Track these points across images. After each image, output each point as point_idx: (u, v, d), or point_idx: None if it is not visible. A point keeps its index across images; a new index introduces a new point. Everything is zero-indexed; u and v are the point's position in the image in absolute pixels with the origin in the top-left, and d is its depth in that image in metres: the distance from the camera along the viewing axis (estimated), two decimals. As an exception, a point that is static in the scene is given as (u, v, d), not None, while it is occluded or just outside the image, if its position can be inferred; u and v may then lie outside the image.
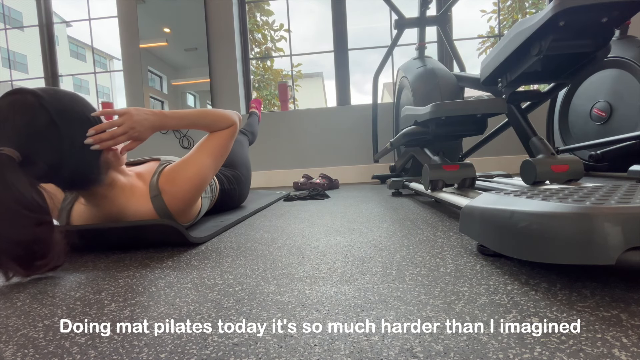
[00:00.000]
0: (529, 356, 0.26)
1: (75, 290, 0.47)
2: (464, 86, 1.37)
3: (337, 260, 0.54)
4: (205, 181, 0.77)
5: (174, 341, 0.31)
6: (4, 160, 0.49)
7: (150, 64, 2.53)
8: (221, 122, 0.79)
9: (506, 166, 2.26)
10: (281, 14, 7.37)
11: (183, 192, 0.73)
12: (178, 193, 0.72)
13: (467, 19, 4.80)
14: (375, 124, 2.17)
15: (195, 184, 0.74)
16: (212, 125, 0.79)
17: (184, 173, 0.73)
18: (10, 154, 0.50)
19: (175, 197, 0.72)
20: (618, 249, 0.33)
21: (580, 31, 0.71)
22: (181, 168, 0.74)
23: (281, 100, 2.49)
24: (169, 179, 0.72)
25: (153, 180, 0.73)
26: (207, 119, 0.78)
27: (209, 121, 0.78)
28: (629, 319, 0.31)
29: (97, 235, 0.67)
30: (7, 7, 3.48)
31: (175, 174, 0.73)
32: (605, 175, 1.67)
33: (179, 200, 0.73)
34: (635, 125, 1.47)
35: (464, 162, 0.95)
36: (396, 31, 1.78)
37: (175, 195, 0.72)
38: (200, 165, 0.75)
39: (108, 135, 0.62)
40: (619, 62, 1.53)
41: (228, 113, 0.81)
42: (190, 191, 0.74)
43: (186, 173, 0.73)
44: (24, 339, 0.34)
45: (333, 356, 0.27)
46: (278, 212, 1.12)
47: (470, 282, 0.42)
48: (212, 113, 0.79)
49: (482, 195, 0.55)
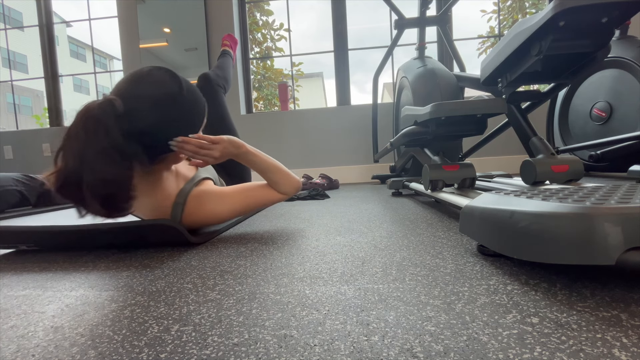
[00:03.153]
0: (529, 356, 0.26)
1: (75, 290, 0.47)
2: (464, 86, 1.37)
3: (337, 260, 0.54)
4: (225, 220, 0.78)
5: (174, 341, 0.31)
6: (107, 106, 0.55)
7: (150, 64, 2.53)
8: (282, 184, 0.78)
9: (506, 166, 2.26)
10: (281, 12, 7.37)
11: (203, 218, 0.75)
12: (198, 216, 0.74)
13: (467, 19, 4.80)
14: (375, 124, 2.17)
15: (216, 219, 0.76)
16: (274, 183, 0.78)
17: (214, 205, 0.74)
18: (116, 104, 0.56)
19: (193, 216, 0.74)
20: (618, 249, 0.33)
21: (580, 31, 0.71)
22: (216, 199, 0.75)
23: (281, 100, 2.49)
24: (199, 199, 0.74)
25: (186, 187, 0.75)
26: (275, 176, 0.78)
27: (273, 178, 0.78)
28: (629, 319, 0.31)
29: (98, 234, 0.68)
30: (7, 7, 3.48)
31: (207, 200, 0.74)
32: (605, 175, 1.67)
33: (194, 222, 0.75)
34: (635, 125, 1.47)
35: (464, 162, 0.95)
36: (396, 31, 1.78)
37: (195, 215, 0.74)
38: (231, 209, 0.76)
39: (190, 149, 0.67)
40: (619, 62, 1.53)
41: (293, 177, 0.80)
42: (207, 221, 0.76)
43: (215, 206, 0.75)
44: (25, 339, 0.34)
45: (333, 356, 0.27)
46: (278, 212, 1.12)
47: (470, 282, 0.42)
48: (280, 170, 0.79)
49: (482, 195, 0.55)
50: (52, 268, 0.60)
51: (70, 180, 0.51)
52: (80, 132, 0.52)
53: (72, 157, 0.51)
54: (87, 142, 0.51)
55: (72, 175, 0.51)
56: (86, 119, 0.53)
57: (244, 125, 2.46)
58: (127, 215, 0.59)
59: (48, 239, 0.71)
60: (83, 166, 0.51)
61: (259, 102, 5.51)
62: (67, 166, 0.51)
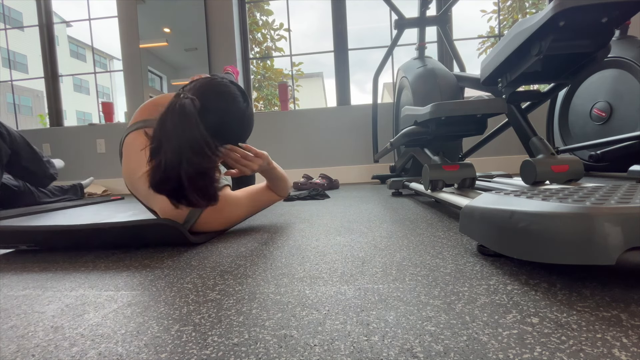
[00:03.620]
0: (529, 356, 0.26)
1: (75, 290, 0.47)
2: (464, 86, 1.37)
3: (337, 260, 0.54)
4: (237, 223, 0.84)
5: (174, 341, 0.31)
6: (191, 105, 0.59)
7: (150, 64, 2.53)
8: (284, 189, 0.88)
9: (506, 166, 2.26)
10: (282, 12, 7.33)
11: (219, 222, 0.77)
12: (215, 220, 0.76)
13: (467, 19, 4.80)
14: (375, 124, 2.17)
15: (231, 222, 0.81)
16: (278, 188, 0.87)
17: (232, 209, 0.79)
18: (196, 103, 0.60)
19: (210, 221, 0.76)
20: (618, 249, 0.33)
21: (580, 31, 0.71)
22: (233, 204, 0.79)
23: (281, 100, 2.49)
24: (219, 206, 0.76)
25: None
26: (280, 183, 0.86)
27: (280, 185, 0.86)
28: (629, 319, 0.31)
29: (98, 233, 0.68)
30: (7, 7, 3.47)
31: (227, 207, 0.78)
32: (605, 175, 1.67)
33: (208, 224, 0.76)
34: (635, 125, 1.47)
35: (464, 162, 0.95)
36: (396, 31, 1.78)
37: (212, 220, 0.76)
38: (245, 211, 0.82)
39: (234, 157, 0.71)
40: (619, 62, 1.53)
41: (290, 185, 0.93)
42: (224, 225, 0.79)
43: (233, 210, 0.79)
44: (24, 339, 0.34)
45: (333, 356, 0.27)
46: (278, 212, 1.12)
47: (470, 282, 0.42)
48: (285, 178, 0.88)
49: (482, 195, 0.55)
50: (52, 268, 0.60)
51: (170, 174, 0.54)
52: (177, 127, 0.55)
53: (171, 151, 0.54)
54: (183, 137, 0.55)
55: (172, 168, 0.54)
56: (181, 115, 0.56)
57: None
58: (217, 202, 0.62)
59: (48, 239, 0.71)
60: (182, 159, 0.54)
61: (259, 102, 5.51)
62: (167, 160, 0.54)
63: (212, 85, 0.68)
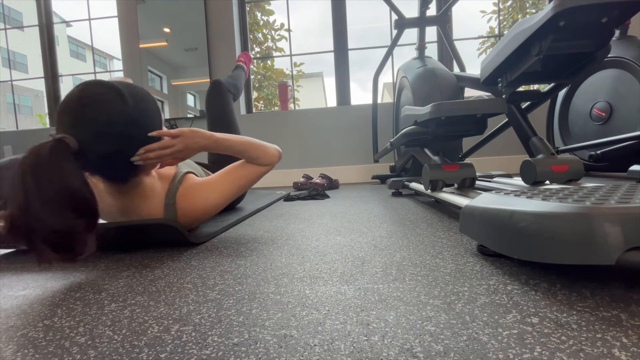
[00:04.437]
0: (529, 356, 0.26)
1: (75, 290, 0.47)
2: (464, 86, 1.37)
3: (337, 260, 0.54)
4: (221, 207, 0.77)
5: (174, 341, 0.31)
6: (60, 148, 0.51)
7: (150, 64, 2.53)
8: (263, 157, 0.79)
9: (506, 166, 2.26)
10: (282, 11, 7.31)
11: (197, 212, 0.74)
12: (191, 212, 0.73)
13: (467, 19, 4.80)
14: (375, 124, 2.17)
15: (211, 208, 0.75)
16: (254, 159, 0.78)
17: (205, 195, 0.74)
18: (70, 142, 0.52)
19: (187, 213, 0.73)
20: (618, 249, 0.33)
21: (580, 31, 0.71)
22: (204, 189, 0.74)
23: (281, 100, 2.49)
24: (188, 194, 0.73)
25: (172, 187, 0.74)
26: (251, 152, 0.78)
27: (252, 154, 0.78)
28: (629, 319, 0.31)
29: (98, 234, 0.67)
30: (7, 7, 3.48)
31: (197, 193, 0.73)
32: (605, 175, 1.67)
33: (190, 218, 0.74)
34: (635, 125, 1.47)
35: (464, 162, 0.95)
36: (396, 31, 1.78)
37: (188, 211, 0.73)
38: (223, 194, 0.76)
39: (155, 155, 0.64)
40: (619, 62, 1.53)
41: (271, 149, 0.81)
42: (204, 213, 0.75)
43: (207, 196, 0.74)
44: (24, 338, 0.34)
45: (333, 356, 0.27)
46: (278, 212, 1.12)
47: (470, 282, 0.42)
48: (257, 146, 0.78)
49: (482, 195, 0.55)
50: (52, 268, 0.59)
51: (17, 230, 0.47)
52: (27, 180, 0.47)
53: (17, 207, 0.46)
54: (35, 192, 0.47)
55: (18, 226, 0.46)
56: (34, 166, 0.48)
57: (244, 125, 2.46)
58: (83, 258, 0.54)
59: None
60: (29, 218, 0.46)
61: (259, 102, 5.51)
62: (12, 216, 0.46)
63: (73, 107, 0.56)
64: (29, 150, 0.49)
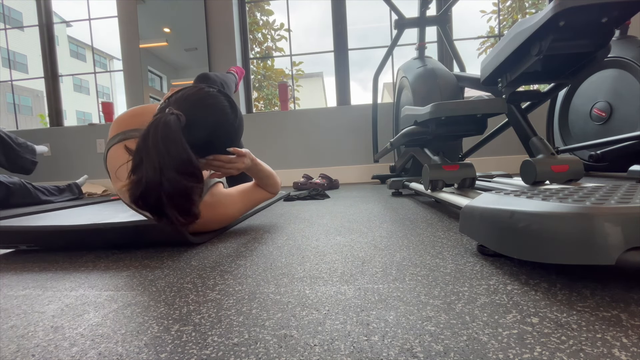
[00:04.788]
0: (529, 356, 0.26)
1: (75, 290, 0.47)
2: (464, 86, 1.37)
3: (337, 260, 0.54)
4: (230, 222, 0.83)
5: (174, 341, 0.31)
6: (176, 121, 0.57)
7: (150, 64, 2.53)
8: (273, 187, 0.88)
9: (506, 166, 2.26)
10: (282, 10, 7.28)
11: (213, 220, 0.77)
12: (208, 218, 0.76)
13: (467, 19, 4.81)
14: (375, 124, 2.17)
15: (225, 221, 0.79)
16: (267, 186, 0.86)
17: (227, 207, 0.78)
18: (181, 119, 0.59)
19: (206, 218, 0.75)
20: (618, 249, 0.33)
21: (580, 31, 0.71)
22: (227, 201, 0.79)
23: (281, 100, 2.49)
24: (214, 202, 0.76)
25: None
26: (269, 180, 0.86)
27: (268, 182, 0.86)
28: (629, 319, 0.31)
29: (98, 234, 0.67)
30: (7, 7, 3.47)
31: (221, 203, 0.77)
32: (605, 175, 1.67)
33: (204, 223, 0.75)
34: (635, 125, 1.47)
35: (464, 162, 0.95)
36: (396, 31, 1.78)
37: (206, 217, 0.75)
38: (239, 210, 0.82)
39: (218, 164, 0.70)
40: (619, 62, 1.53)
41: (278, 180, 0.91)
42: (218, 223, 0.79)
43: (226, 209, 0.78)
44: (24, 339, 0.34)
45: (333, 356, 0.27)
46: (278, 212, 1.12)
47: (470, 282, 0.42)
48: (273, 175, 0.88)
49: (482, 195, 0.55)
50: (52, 268, 0.60)
51: (150, 192, 0.52)
52: (159, 145, 0.53)
53: (152, 168, 0.52)
54: (166, 155, 0.53)
55: (152, 186, 0.52)
56: (165, 132, 0.55)
57: (244, 125, 2.46)
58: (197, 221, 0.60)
59: (48, 239, 0.71)
60: (162, 178, 0.52)
61: (259, 102, 5.51)
62: (147, 177, 0.52)
63: (199, 97, 0.65)
64: (156, 121, 0.56)
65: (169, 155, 0.53)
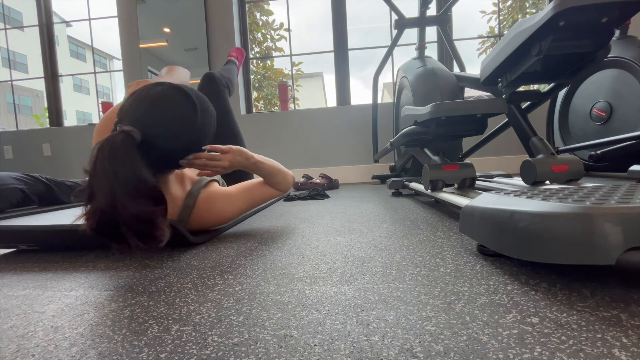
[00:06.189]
0: (529, 356, 0.26)
1: (75, 290, 0.47)
2: (464, 86, 1.37)
3: (337, 260, 0.54)
4: (231, 221, 0.81)
5: (174, 341, 0.31)
6: (129, 140, 0.53)
7: (150, 63, 2.53)
8: (283, 184, 0.84)
9: (506, 166, 2.26)
10: (282, 10, 7.28)
11: (210, 220, 0.76)
12: (205, 218, 0.75)
13: (467, 19, 4.81)
14: (375, 124, 2.17)
15: (223, 220, 0.78)
16: (275, 184, 0.83)
17: (222, 206, 0.77)
18: (135, 135, 0.55)
19: (200, 218, 0.75)
20: (618, 249, 0.33)
21: (580, 31, 0.71)
22: (224, 200, 0.77)
23: (281, 100, 2.49)
24: (209, 201, 0.75)
25: (194, 190, 0.75)
26: (276, 177, 0.83)
27: (275, 179, 0.83)
28: (629, 319, 0.31)
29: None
30: (7, 7, 3.48)
31: (217, 202, 0.76)
32: (605, 175, 1.67)
33: (201, 223, 0.75)
34: (635, 125, 1.47)
35: (464, 162, 0.95)
36: (396, 31, 1.78)
37: (202, 217, 0.75)
38: (239, 208, 0.79)
39: (200, 163, 0.68)
40: (619, 62, 1.53)
41: (290, 176, 0.86)
42: (215, 223, 0.78)
43: (224, 207, 0.77)
44: (24, 339, 0.34)
45: (333, 356, 0.27)
46: (278, 212, 1.12)
47: (470, 282, 0.42)
48: (281, 172, 0.84)
49: (482, 195, 0.55)
50: (52, 268, 0.60)
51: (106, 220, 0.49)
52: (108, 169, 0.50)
53: (103, 196, 0.49)
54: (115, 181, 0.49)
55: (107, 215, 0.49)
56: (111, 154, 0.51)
57: (244, 125, 2.46)
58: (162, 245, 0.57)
59: (48, 239, 0.71)
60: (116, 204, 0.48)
61: (259, 102, 5.51)
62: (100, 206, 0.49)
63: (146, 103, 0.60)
64: (103, 143, 0.52)
65: (117, 180, 0.49)
